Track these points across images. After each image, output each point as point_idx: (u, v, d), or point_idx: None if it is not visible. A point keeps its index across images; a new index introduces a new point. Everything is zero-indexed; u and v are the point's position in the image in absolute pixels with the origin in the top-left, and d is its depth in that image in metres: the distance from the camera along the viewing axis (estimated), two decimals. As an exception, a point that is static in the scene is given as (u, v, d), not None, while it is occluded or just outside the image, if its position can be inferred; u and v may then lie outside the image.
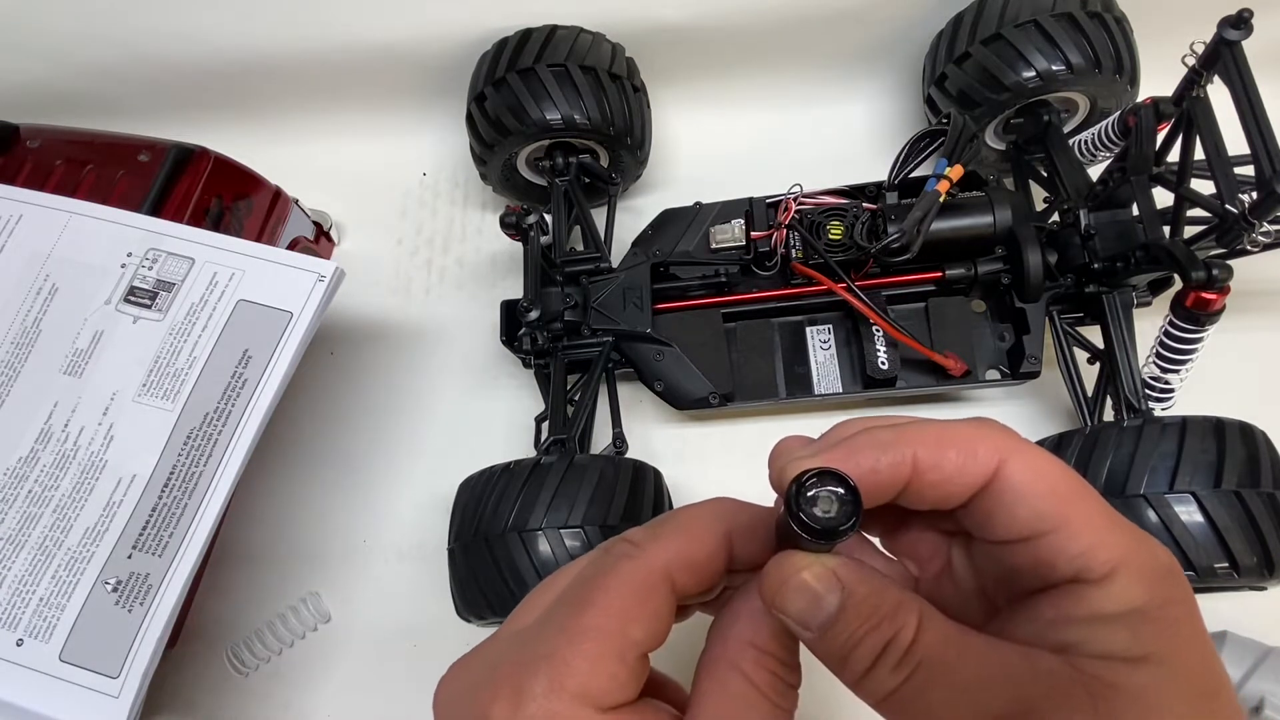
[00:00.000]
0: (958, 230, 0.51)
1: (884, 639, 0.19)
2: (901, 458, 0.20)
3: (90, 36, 0.62)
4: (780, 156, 0.66)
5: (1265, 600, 0.45)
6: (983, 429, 0.20)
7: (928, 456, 0.20)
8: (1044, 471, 0.20)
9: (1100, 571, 0.19)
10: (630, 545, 0.21)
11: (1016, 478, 0.20)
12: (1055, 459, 0.20)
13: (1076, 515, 0.19)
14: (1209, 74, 0.44)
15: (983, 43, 0.54)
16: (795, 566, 0.20)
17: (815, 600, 0.19)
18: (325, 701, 0.52)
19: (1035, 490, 0.20)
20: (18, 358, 0.46)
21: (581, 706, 0.19)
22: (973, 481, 0.20)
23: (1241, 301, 0.44)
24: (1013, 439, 0.20)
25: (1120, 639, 0.18)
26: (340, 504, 0.57)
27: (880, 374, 0.52)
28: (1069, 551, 0.19)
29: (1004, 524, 0.20)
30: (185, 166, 0.54)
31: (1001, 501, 0.20)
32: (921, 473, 0.20)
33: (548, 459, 0.45)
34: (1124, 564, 0.19)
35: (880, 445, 0.20)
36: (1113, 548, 0.19)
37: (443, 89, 0.65)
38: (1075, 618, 0.19)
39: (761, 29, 0.62)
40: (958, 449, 0.20)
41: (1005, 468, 0.20)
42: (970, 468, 0.20)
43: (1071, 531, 0.19)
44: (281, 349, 0.45)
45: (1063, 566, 0.19)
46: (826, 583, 0.19)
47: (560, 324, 0.54)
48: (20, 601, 0.41)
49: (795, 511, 0.19)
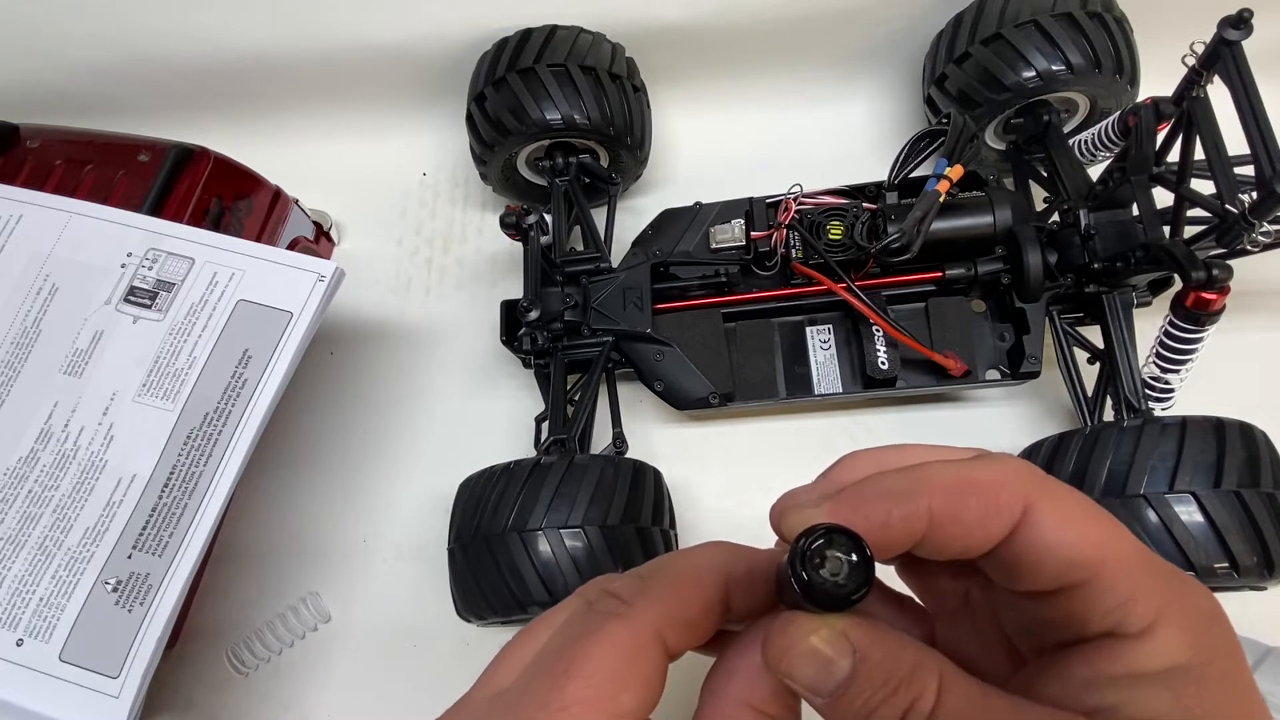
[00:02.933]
0: (958, 230, 0.51)
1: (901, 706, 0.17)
2: (916, 510, 0.18)
3: (90, 36, 0.62)
4: (780, 156, 0.66)
5: (1265, 600, 0.45)
6: (1005, 471, 0.18)
7: (946, 508, 0.18)
8: (1074, 517, 0.18)
9: (1138, 625, 0.17)
10: (617, 602, 0.19)
11: (1044, 525, 0.18)
12: (1085, 499, 0.18)
13: (1111, 563, 0.17)
14: (1209, 74, 0.44)
15: (983, 43, 0.54)
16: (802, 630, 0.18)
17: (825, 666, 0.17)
18: (325, 701, 0.52)
19: (1065, 538, 0.18)
20: (18, 358, 0.46)
21: None
22: (996, 532, 0.18)
23: (1241, 301, 0.44)
24: (1038, 480, 0.18)
25: (1163, 702, 0.16)
26: (340, 504, 0.57)
27: (880, 374, 0.52)
28: (1104, 604, 0.17)
29: (1030, 575, 0.18)
30: (185, 166, 0.54)
31: (1028, 551, 0.18)
32: (939, 525, 0.18)
33: (548, 459, 0.45)
34: (1164, 615, 0.17)
35: (892, 495, 0.18)
36: (1151, 598, 0.17)
37: (443, 89, 0.65)
38: (1112, 677, 0.17)
39: (761, 29, 0.62)
40: (979, 497, 0.18)
41: (1031, 514, 0.18)
42: (993, 518, 0.18)
43: (1106, 582, 0.17)
44: (281, 349, 0.45)
45: (1097, 621, 0.17)
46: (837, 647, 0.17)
47: (560, 324, 0.54)
48: (20, 601, 0.41)
49: (800, 578, 0.17)
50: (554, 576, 0.42)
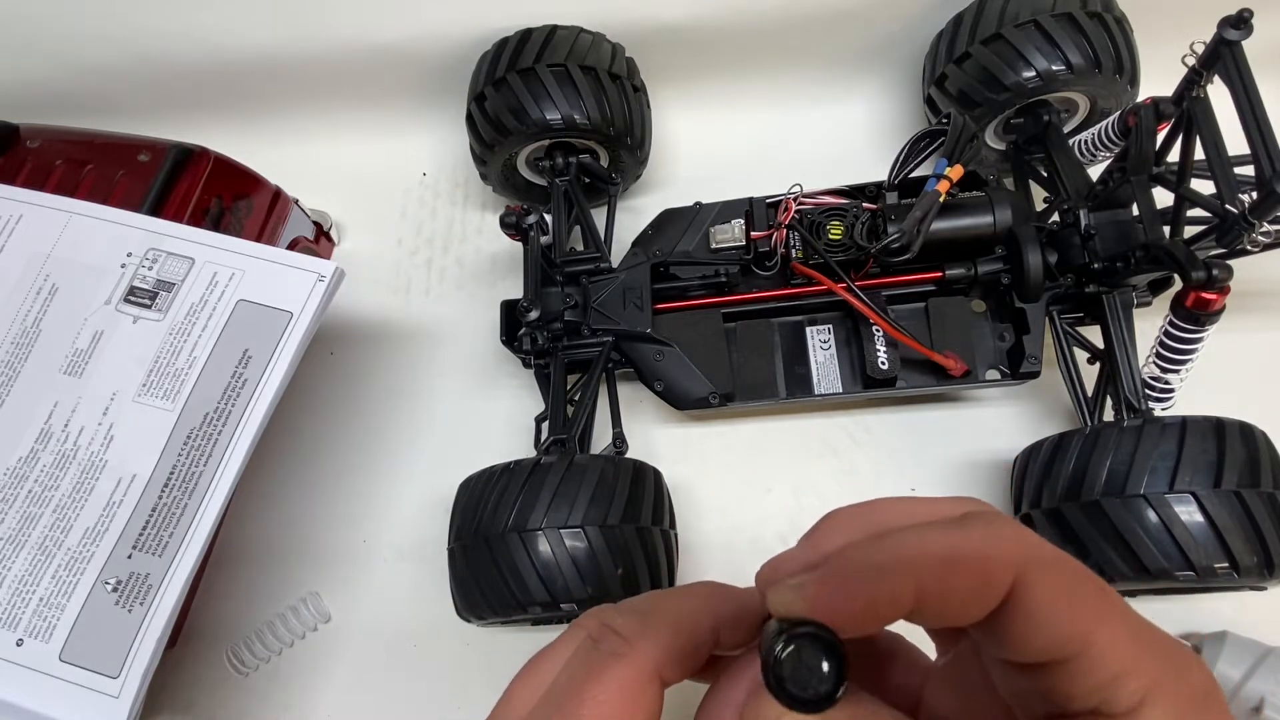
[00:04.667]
0: (958, 230, 0.51)
1: None
2: (902, 589, 0.17)
3: (90, 36, 0.62)
4: (780, 156, 0.66)
5: (1265, 600, 0.45)
6: (995, 540, 0.18)
7: (933, 584, 0.17)
8: (1065, 590, 0.17)
9: (1127, 703, 0.17)
10: (620, 641, 0.20)
11: (1034, 599, 0.17)
12: (1080, 569, 0.18)
13: (1101, 639, 0.17)
14: (1209, 74, 0.44)
15: (983, 43, 0.54)
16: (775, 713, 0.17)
17: None
18: (325, 701, 0.52)
19: (1055, 614, 0.17)
20: (18, 358, 0.46)
21: None
22: (985, 605, 0.18)
23: (1241, 301, 0.44)
24: (1030, 550, 0.18)
25: None
26: (340, 504, 0.57)
27: (880, 374, 0.52)
28: (1091, 681, 0.17)
29: (1018, 647, 0.18)
30: (185, 166, 0.54)
31: (1016, 624, 0.17)
32: (925, 601, 0.17)
33: (548, 459, 0.45)
34: (1154, 694, 0.17)
35: (876, 573, 0.18)
36: (1142, 676, 0.17)
37: (443, 89, 0.65)
38: None
39: (761, 29, 0.62)
40: (968, 572, 0.17)
41: (1022, 587, 0.17)
42: (982, 594, 0.17)
43: (1094, 657, 0.17)
44: (281, 349, 0.45)
45: (1083, 698, 0.17)
46: None
47: (560, 324, 0.54)
48: (20, 601, 0.41)
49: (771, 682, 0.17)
50: (554, 576, 0.42)
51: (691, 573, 0.52)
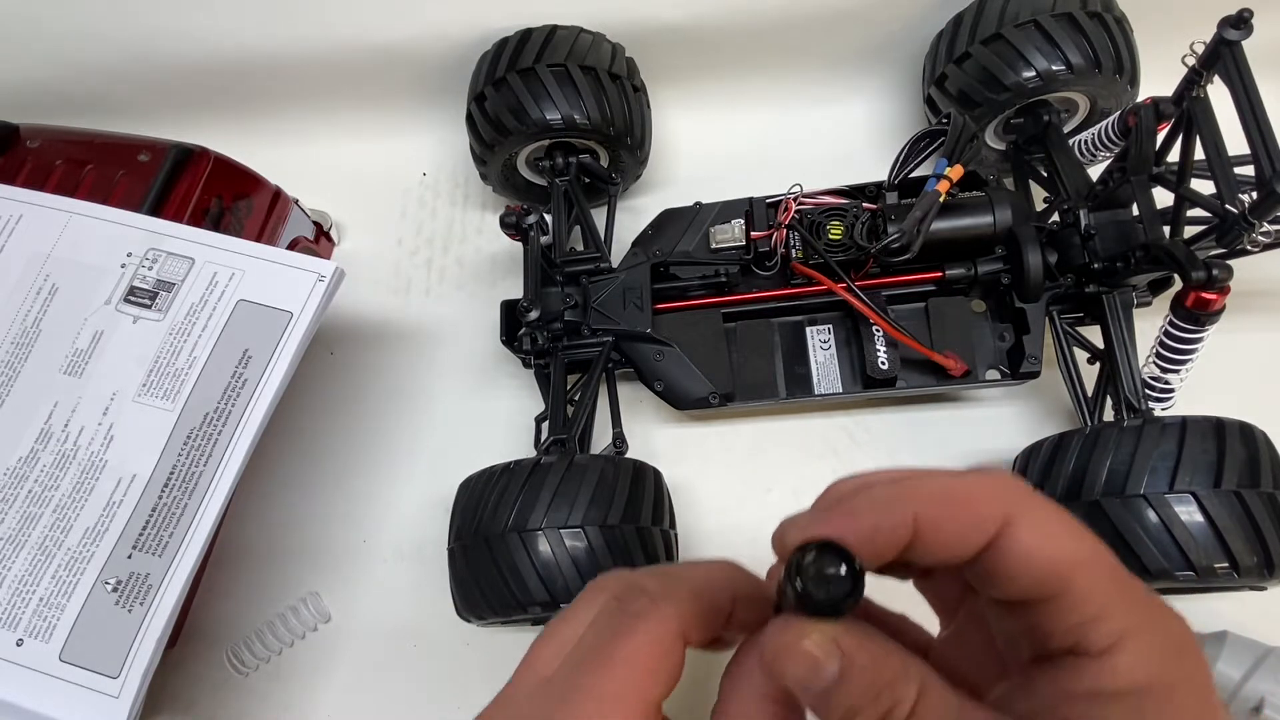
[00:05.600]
0: (958, 230, 0.51)
1: (882, 708, 0.18)
2: (902, 519, 0.19)
3: (90, 36, 0.62)
4: (780, 156, 0.66)
5: (1265, 600, 0.45)
6: (988, 484, 0.19)
7: (929, 517, 0.19)
8: (1050, 532, 0.19)
9: (1101, 645, 0.18)
10: (647, 601, 0.21)
11: (1021, 539, 0.19)
12: (1067, 517, 0.19)
13: (1081, 580, 0.18)
14: (1209, 74, 0.44)
15: (983, 43, 0.54)
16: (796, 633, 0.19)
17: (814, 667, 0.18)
18: (325, 701, 0.52)
19: (1039, 554, 0.18)
20: (18, 358, 0.46)
21: None
22: (975, 541, 0.19)
23: (1241, 301, 0.44)
24: (1021, 495, 0.19)
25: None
26: (340, 504, 0.57)
27: (880, 374, 0.52)
28: (1069, 620, 0.18)
29: (1005, 585, 0.19)
30: (185, 166, 0.54)
31: (1004, 561, 0.19)
32: (922, 533, 0.19)
33: (548, 459, 0.45)
34: (1130, 637, 0.18)
35: (879, 506, 0.19)
36: (1118, 618, 0.18)
37: (443, 89, 0.65)
38: (1074, 693, 0.18)
39: (761, 29, 0.62)
40: (959, 509, 0.19)
41: (1010, 527, 0.19)
42: (972, 529, 0.19)
43: (1074, 597, 0.18)
44: (281, 349, 0.45)
45: (1061, 636, 0.18)
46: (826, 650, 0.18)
47: (560, 324, 0.54)
48: (20, 601, 0.41)
49: (795, 588, 0.18)
50: (554, 576, 0.42)
51: (691, 573, 0.52)
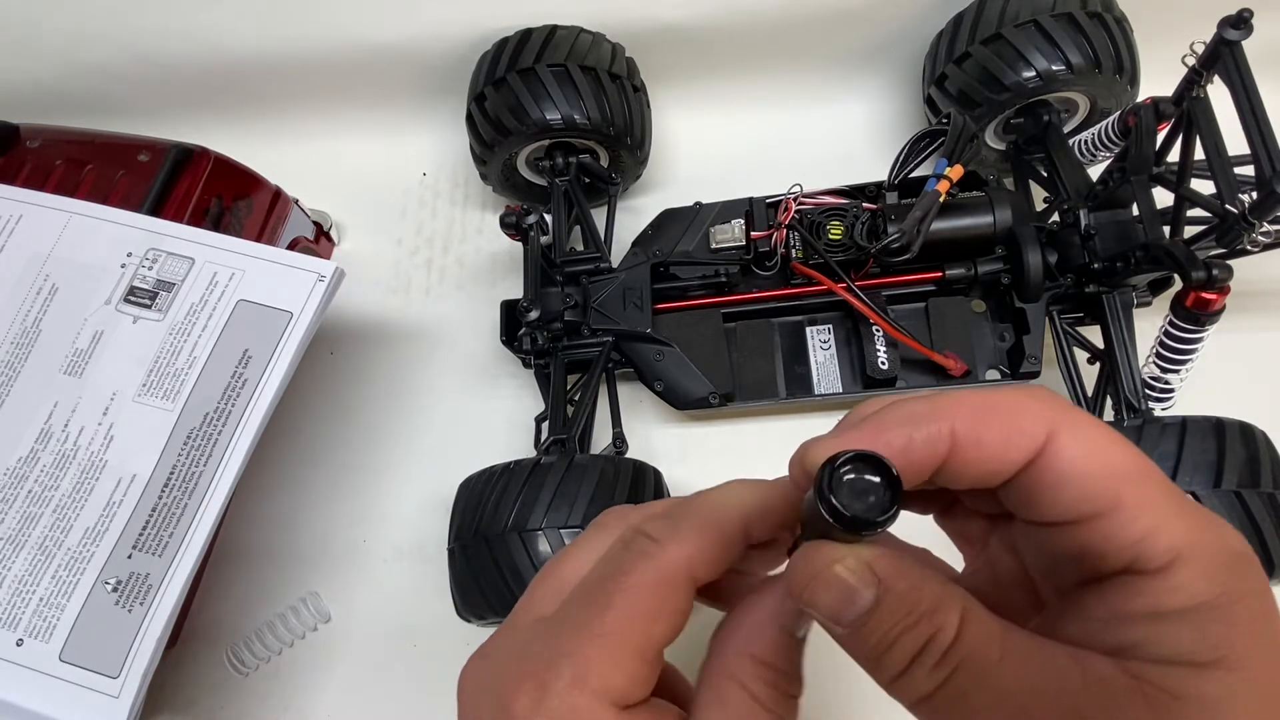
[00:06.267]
0: (958, 230, 0.51)
1: (922, 638, 0.17)
2: (938, 432, 0.18)
3: (90, 36, 0.62)
4: (780, 156, 0.66)
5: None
6: (1029, 397, 0.18)
7: (967, 430, 0.18)
8: (1098, 446, 0.17)
9: (1160, 560, 0.16)
10: (651, 542, 0.20)
11: (1066, 453, 0.17)
12: (1113, 432, 0.18)
13: (1132, 496, 0.17)
14: (1209, 74, 0.44)
15: (983, 43, 0.54)
16: (827, 559, 0.18)
17: (848, 595, 0.17)
18: (325, 701, 0.52)
19: (1086, 467, 0.17)
20: (18, 358, 0.46)
21: (602, 704, 0.19)
22: (1018, 456, 0.18)
23: (1241, 301, 0.44)
24: (1064, 408, 0.18)
25: (1185, 640, 0.16)
26: (340, 504, 0.57)
27: (880, 374, 0.52)
28: (1123, 537, 0.17)
29: (1049, 505, 0.18)
30: (185, 166, 0.54)
31: (1047, 479, 0.18)
32: (961, 448, 0.18)
33: (548, 459, 0.45)
34: (1188, 552, 0.16)
35: (913, 419, 0.18)
36: (1175, 533, 0.17)
37: (443, 89, 0.65)
38: (1132, 614, 0.17)
39: (761, 29, 0.62)
40: (1001, 421, 0.18)
41: (1054, 441, 0.17)
42: (1015, 441, 0.18)
43: (1126, 515, 0.17)
44: (281, 349, 0.45)
45: (1115, 555, 0.17)
46: (861, 577, 0.17)
47: (560, 324, 0.54)
48: (20, 601, 0.41)
49: (828, 501, 0.16)
50: (554, 576, 0.42)
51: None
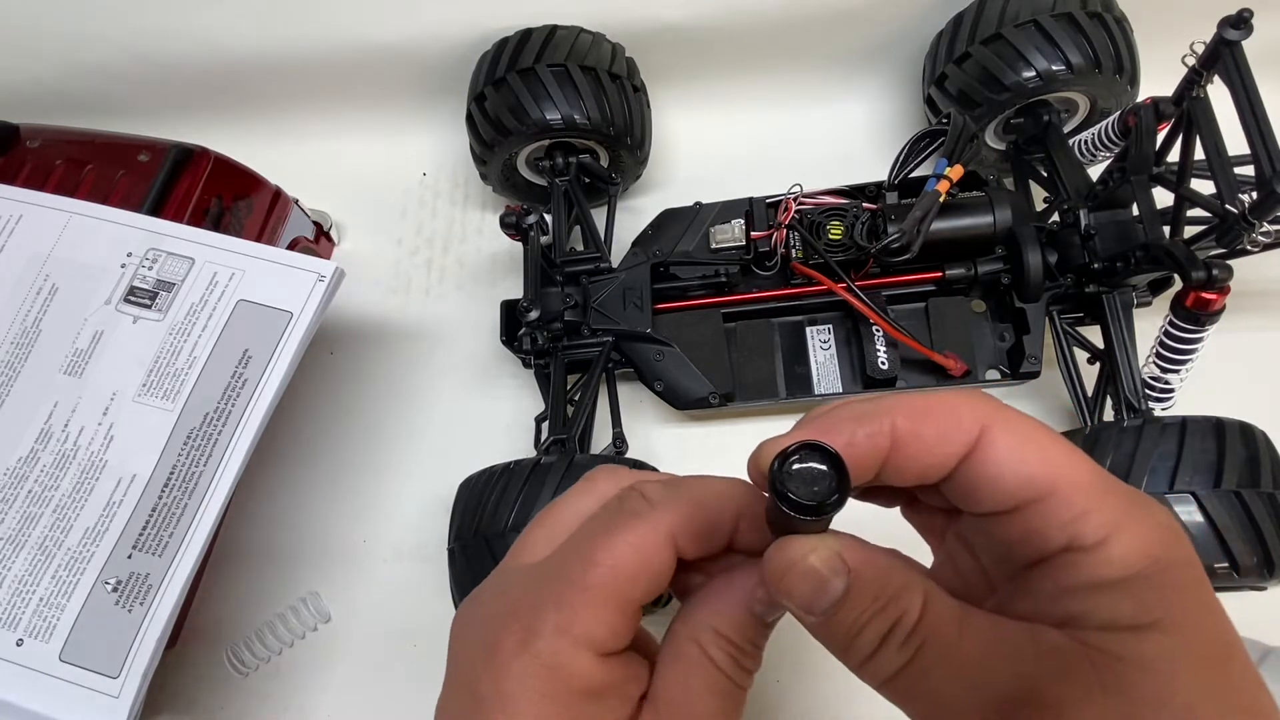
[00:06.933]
0: (958, 230, 0.51)
1: (889, 621, 0.18)
2: (880, 428, 0.19)
3: (90, 36, 0.62)
4: (780, 156, 0.66)
5: (1265, 600, 0.45)
6: (964, 396, 0.20)
7: (907, 425, 0.19)
8: (1029, 436, 0.19)
9: (1094, 536, 0.18)
10: (644, 502, 0.22)
11: (1000, 444, 0.19)
12: (1041, 425, 0.20)
13: (1065, 479, 0.18)
14: (1209, 74, 0.44)
15: (983, 43, 0.54)
16: (801, 550, 0.19)
17: (821, 584, 0.19)
18: (325, 701, 0.52)
19: (1020, 456, 0.19)
20: (18, 358, 0.46)
21: (583, 651, 0.20)
22: (955, 450, 0.19)
23: (1241, 301, 0.44)
24: (996, 406, 0.20)
25: (1123, 607, 0.17)
26: (340, 504, 0.57)
27: (880, 374, 0.52)
28: (1059, 518, 0.18)
29: (989, 494, 0.19)
30: (185, 166, 0.54)
31: (986, 471, 0.19)
32: (901, 443, 0.19)
33: (548, 459, 0.45)
34: (1120, 527, 0.18)
35: (857, 416, 0.20)
36: (1106, 511, 0.18)
37: (443, 89, 0.65)
38: (1074, 587, 0.18)
39: (762, 29, 0.62)
40: (937, 418, 0.19)
41: (988, 435, 0.19)
42: (952, 435, 0.19)
43: (1060, 497, 0.18)
44: (281, 349, 0.45)
45: (1054, 534, 0.18)
46: (832, 566, 0.19)
47: (560, 324, 0.54)
48: (20, 601, 0.41)
49: (780, 490, 0.18)
50: (554, 576, 0.42)
51: (691, 573, 0.52)
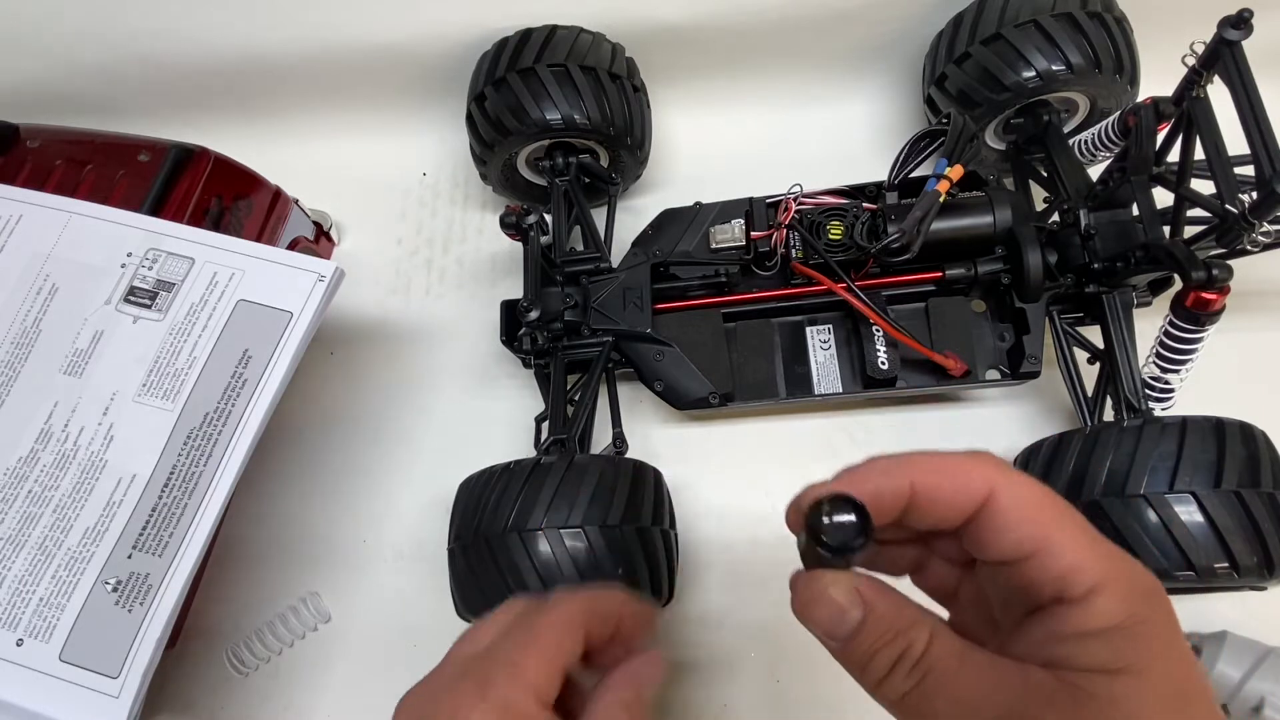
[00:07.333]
0: (958, 230, 0.51)
1: (899, 650, 0.22)
2: (901, 484, 0.23)
3: (90, 36, 0.62)
4: (780, 156, 0.66)
5: (1265, 600, 0.45)
6: (976, 460, 0.23)
7: (925, 483, 0.23)
8: (1028, 499, 0.22)
9: (1080, 591, 0.21)
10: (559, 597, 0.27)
11: (1004, 504, 0.22)
12: (1042, 487, 0.23)
13: (1058, 539, 0.22)
14: (1209, 74, 0.44)
15: (983, 43, 0.54)
16: (824, 584, 0.22)
17: (840, 614, 0.22)
18: (325, 701, 0.52)
19: (1020, 516, 0.22)
20: (18, 358, 0.46)
21: (532, 698, 0.24)
22: (966, 506, 0.23)
23: (1241, 301, 0.44)
24: (1003, 469, 0.23)
25: (1101, 654, 0.20)
26: (340, 504, 0.57)
27: (880, 374, 0.52)
28: (1051, 572, 0.21)
29: (994, 547, 0.22)
30: (185, 166, 0.54)
31: (992, 526, 0.22)
32: (920, 496, 0.23)
33: (548, 459, 0.45)
34: (1104, 584, 0.21)
35: (882, 472, 0.23)
36: (1093, 569, 0.21)
37: (443, 89, 0.65)
38: (1061, 635, 0.21)
39: (761, 29, 0.62)
40: (952, 477, 0.23)
41: (995, 495, 0.22)
42: (963, 494, 0.23)
43: (1053, 554, 0.21)
44: (281, 349, 0.45)
45: (1047, 587, 0.21)
46: (850, 598, 0.22)
47: (560, 324, 0.54)
48: (20, 601, 0.41)
49: (816, 533, 0.21)
50: (554, 576, 0.42)
51: (691, 572, 0.52)
